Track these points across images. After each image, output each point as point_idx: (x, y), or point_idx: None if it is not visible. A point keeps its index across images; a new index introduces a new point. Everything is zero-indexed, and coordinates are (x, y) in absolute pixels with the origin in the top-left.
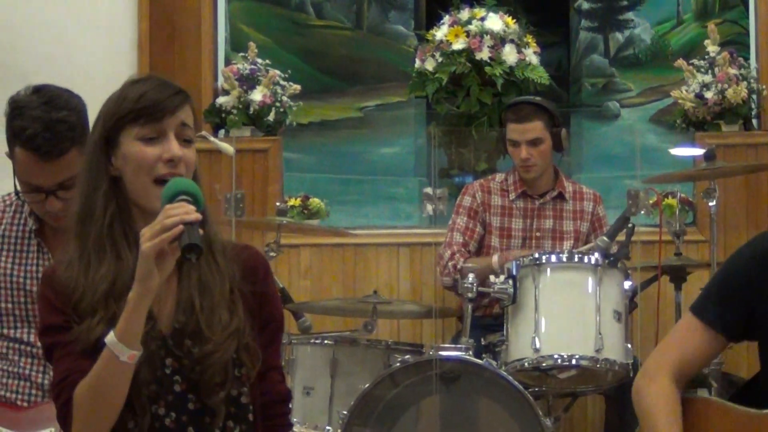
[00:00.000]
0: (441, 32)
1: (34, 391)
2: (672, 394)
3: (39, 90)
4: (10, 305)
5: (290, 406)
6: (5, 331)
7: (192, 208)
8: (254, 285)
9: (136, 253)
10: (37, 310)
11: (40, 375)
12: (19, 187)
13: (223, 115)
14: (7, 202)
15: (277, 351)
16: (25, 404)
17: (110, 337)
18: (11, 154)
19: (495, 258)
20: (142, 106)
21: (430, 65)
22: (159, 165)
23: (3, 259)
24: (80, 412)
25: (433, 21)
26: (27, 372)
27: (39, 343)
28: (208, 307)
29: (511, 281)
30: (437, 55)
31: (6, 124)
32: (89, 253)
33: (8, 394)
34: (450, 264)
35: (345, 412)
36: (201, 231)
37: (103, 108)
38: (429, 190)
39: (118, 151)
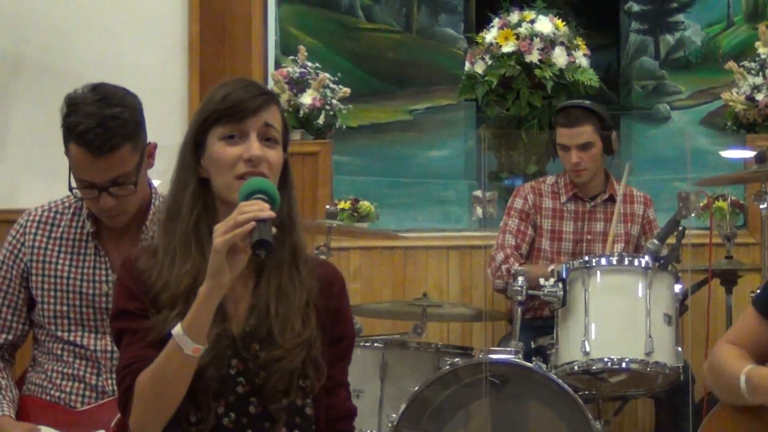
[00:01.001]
0: (491, 35)
1: (88, 393)
2: (738, 349)
3: (95, 88)
4: (65, 308)
5: (354, 424)
6: (59, 333)
7: (266, 206)
8: (328, 300)
9: None
10: (101, 306)
11: (95, 377)
12: (73, 184)
13: None
14: (66, 204)
15: (346, 368)
16: (79, 405)
17: (177, 329)
18: (66, 151)
19: (551, 268)
20: (224, 107)
21: (479, 68)
22: (240, 164)
23: (60, 262)
24: (140, 400)
25: (482, 24)
26: (81, 373)
27: (92, 347)
28: (282, 314)
29: (560, 284)
30: (487, 57)
31: (62, 121)
32: (175, 249)
33: (63, 395)
34: (503, 267)
35: (394, 415)
36: (274, 230)
37: (196, 111)
38: (478, 192)
39: (206, 152)
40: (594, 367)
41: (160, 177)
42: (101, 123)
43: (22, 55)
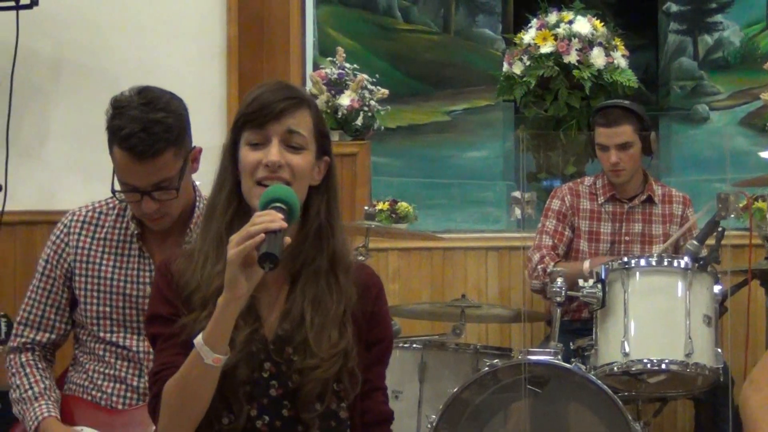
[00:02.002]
0: (529, 36)
1: (129, 394)
2: None
3: (142, 91)
4: (108, 309)
5: (391, 428)
6: (101, 334)
7: (278, 216)
8: (365, 305)
9: None
10: (145, 308)
11: (136, 378)
12: (117, 187)
13: None
14: (110, 205)
15: (383, 372)
16: (120, 406)
17: (198, 339)
18: (110, 153)
19: (586, 264)
20: (249, 111)
21: (518, 69)
22: (259, 169)
23: (104, 263)
24: (166, 407)
25: (520, 24)
26: (123, 375)
27: (135, 348)
28: (319, 323)
29: (600, 285)
30: (525, 58)
31: (106, 123)
32: (208, 248)
33: (104, 396)
34: (539, 267)
35: (433, 416)
36: (288, 239)
37: None
38: (517, 193)
39: (238, 155)
40: (633, 368)
41: (198, 178)
42: (145, 128)
43: (62, 58)
